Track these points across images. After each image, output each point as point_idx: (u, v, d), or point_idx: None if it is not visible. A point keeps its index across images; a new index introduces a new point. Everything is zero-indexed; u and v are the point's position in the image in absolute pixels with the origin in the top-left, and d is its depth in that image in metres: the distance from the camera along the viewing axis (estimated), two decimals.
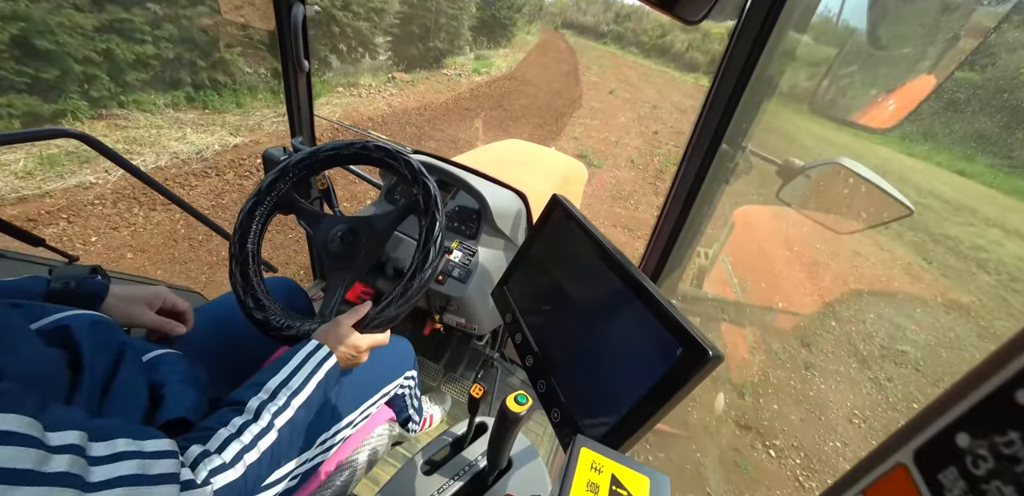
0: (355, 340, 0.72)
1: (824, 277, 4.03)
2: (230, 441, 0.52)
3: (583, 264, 0.70)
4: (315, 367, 0.65)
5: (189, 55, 5.18)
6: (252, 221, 0.86)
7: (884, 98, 0.89)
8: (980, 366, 0.18)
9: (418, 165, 0.83)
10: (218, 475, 0.48)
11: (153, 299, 0.76)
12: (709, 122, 0.80)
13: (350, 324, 0.73)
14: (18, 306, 0.56)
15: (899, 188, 0.83)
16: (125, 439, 0.42)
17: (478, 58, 11.97)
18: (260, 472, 0.54)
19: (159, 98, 5.03)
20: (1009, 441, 0.16)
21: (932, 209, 5.90)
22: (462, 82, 9.70)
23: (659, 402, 0.51)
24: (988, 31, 0.71)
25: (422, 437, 1.34)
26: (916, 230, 5.17)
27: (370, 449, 0.92)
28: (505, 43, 14.44)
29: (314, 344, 0.68)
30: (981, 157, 7.28)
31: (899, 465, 0.21)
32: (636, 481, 0.42)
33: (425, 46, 9.71)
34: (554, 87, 10.97)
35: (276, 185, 0.89)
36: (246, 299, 0.81)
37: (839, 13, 0.89)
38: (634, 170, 6.55)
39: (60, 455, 0.35)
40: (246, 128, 5.19)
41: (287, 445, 0.58)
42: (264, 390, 0.59)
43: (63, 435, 0.37)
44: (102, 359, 0.54)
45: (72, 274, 0.70)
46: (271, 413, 0.57)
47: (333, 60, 7.49)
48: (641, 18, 23.99)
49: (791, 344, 3.10)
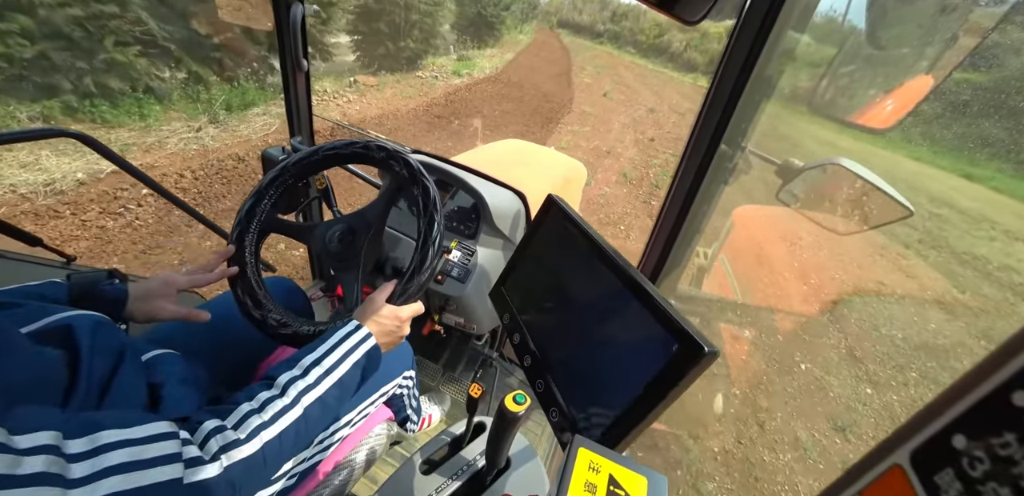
0: (394, 310, 0.72)
1: (850, 321, 3.42)
2: (249, 416, 0.51)
3: (579, 263, 0.70)
4: (352, 347, 0.64)
5: (61, 55, 4.07)
6: (251, 220, 0.86)
7: (882, 98, 0.89)
8: (977, 368, 0.18)
9: (416, 163, 0.83)
10: (231, 450, 0.47)
11: (166, 289, 0.75)
12: (708, 122, 0.80)
13: (383, 299, 0.73)
14: (16, 306, 0.55)
15: (911, 196, 0.82)
16: (110, 430, 0.40)
17: (461, 59, 11.20)
18: (281, 450, 0.52)
19: (21, 110, 3.94)
20: (1005, 443, 0.17)
21: (950, 222, 5.53)
22: (438, 85, 8.78)
23: (656, 399, 0.51)
24: (987, 31, 0.71)
25: (421, 437, 1.34)
26: (939, 248, 4.78)
27: (368, 448, 0.92)
28: (493, 43, 13.79)
29: (353, 324, 0.67)
30: (986, 160, 7.14)
31: (895, 466, 0.21)
32: (634, 481, 0.42)
33: (395, 46, 8.75)
34: (543, 90, 10.14)
35: (275, 182, 0.89)
36: (245, 299, 0.81)
37: (845, 12, 0.89)
38: (626, 186, 5.79)
39: (32, 457, 0.34)
40: (140, 147, 4.14)
41: (312, 424, 0.56)
42: (298, 366, 0.58)
43: (32, 437, 0.36)
44: (101, 360, 0.54)
45: (90, 279, 0.69)
46: (298, 390, 0.56)
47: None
48: (639, 17, 23.86)
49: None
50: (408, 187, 0.82)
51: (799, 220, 1.17)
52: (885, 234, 4.92)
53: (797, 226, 4.48)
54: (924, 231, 5.19)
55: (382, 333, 0.69)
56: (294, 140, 1.44)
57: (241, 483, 0.47)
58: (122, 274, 0.77)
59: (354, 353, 0.63)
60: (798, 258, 4.23)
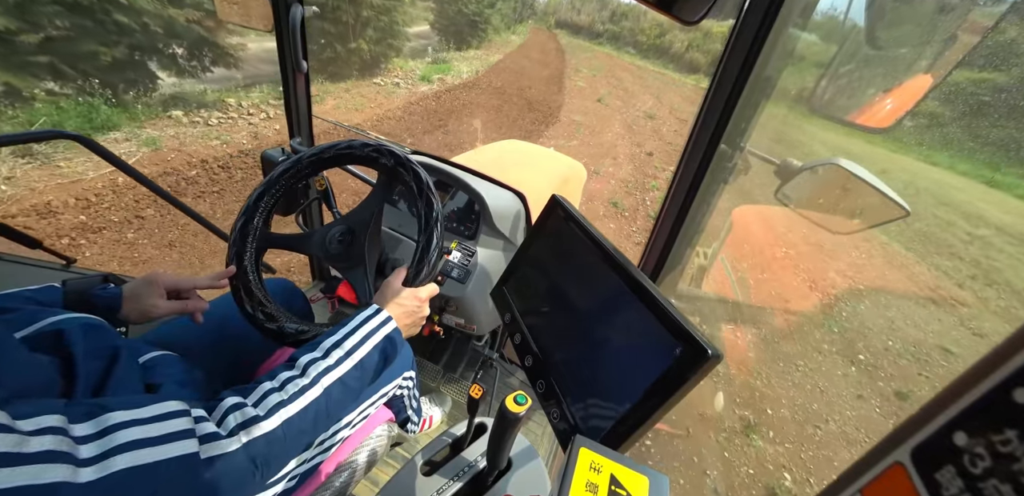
0: (412, 292, 0.73)
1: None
2: (270, 393, 0.51)
3: (582, 264, 0.70)
4: (373, 329, 0.64)
5: None
6: (251, 221, 0.86)
7: (881, 97, 0.90)
8: (978, 365, 0.18)
9: (402, 152, 0.83)
10: (250, 426, 0.47)
11: (152, 287, 0.74)
12: (708, 122, 0.80)
13: (399, 283, 0.74)
14: (11, 311, 0.55)
15: (942, 213, 0.81)
16: (117, 412, 0.40)
17: (435, 62, 10.14)
18: (302, 428, 0.52)
19: None
20: (1006, 440, 0.17)
21: (994, 246, 4.90)
22: (399, 93, 7.49)
23: (658, 401, 0.51)
24: (986, 30, 0.72)
25: (422, 438, 1.34)
26: (996, 286, 3.99)
27: (369, 450, 0.92)
28: (477, 44, 12.78)
29: (373, 308, 0.68)
30: (1008, 165, 6.74)
31: (897, 464, 0.21)
32: (635, 481, 0.42)
33: (345, 48, 7.56)
34: (528, 96, 8.93)
35: (263, 198, 0.88)
36: (249, 307, 0.81)
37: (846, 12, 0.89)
38: (617, 219, 4.64)
39: (39, 437, 0.34)
40: None
41: (333, 404, 0.57)
42: (319, 348, 0.59)
43: (37, 420, 0.36)
44: (95, 364, 0.54)
45: (85, 285, 0.69)
46: (319, 370, 0.56)
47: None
48: (639, 17, 23.77)
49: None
50: (398, 175, 0.82)
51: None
52: (936, 271, 4.26)
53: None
54: (972, 262, 4.57)
55: (404, 314, 0.70)
56: (294, 141, 1.44)
57: (262, 460, 0.47)
58: (117, 278, 0.77)
59: (375, 335, 0.64)
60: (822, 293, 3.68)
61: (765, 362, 2.86)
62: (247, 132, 4.87)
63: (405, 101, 7.14)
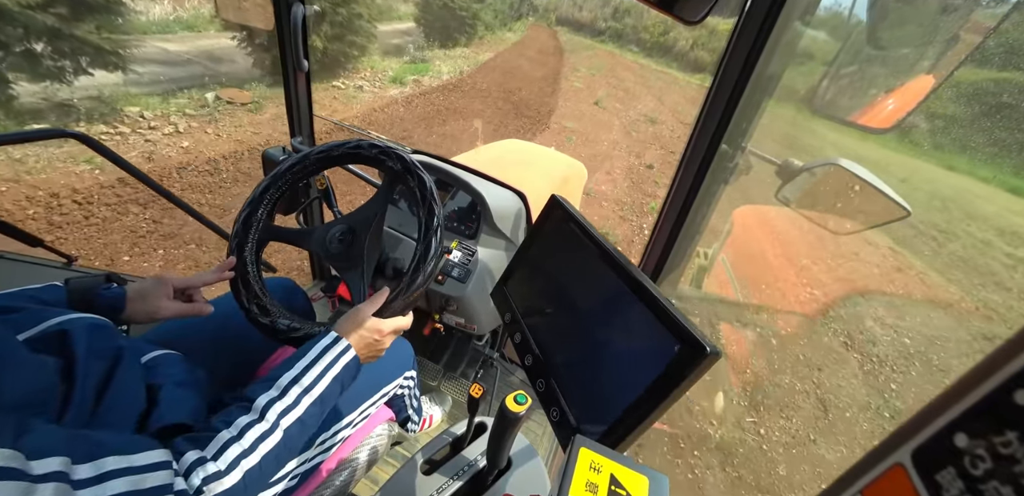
0: (376, 323, 0.69)
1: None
2: (229, 445, 0.51)
3: (582, 264, 0.70)
4: (331, 361, 0.62)
5: None
6: (249, 230, 0.86)
7: (883, 98, 0.89)
8: (979, 367, 0.18)
9: (409, 157, 0.83)
10: (212, 483, 0.47)
11: (161, 288, 0.74)
12: (709, 122, 0.80)
13: (370, 311, 0.70)
14: (15, 310, 0.55)
15: (971, 228, 0.78)
16: (114, 457, 0.42)
17: (414, 61, 9.14)
18: (261, 476, 0.53)
19: None
20: (1007, 441, 0.17)
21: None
22: (361, 99, 6.52)
23: (658, 399, 0.51)
24: (988, 30, 0.71)
25: (422, 437, 1.34)
26: None
27: (370, 449, 0.92)
28: (465, 41, 11.65)
29: (332, 337, 0.65)
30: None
31: (897, 465, 0.21)
32: (635, 481, 0.42)
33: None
34: (516, 99, 7.98)
35: (269, 191, 0.88)
36: (245, 300, 0.81)
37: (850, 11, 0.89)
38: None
39: (44, 484, 0.36)
40: None
41: (292, 445, 0.56)
42: (275, 387, 0.57)
43: (46, 462, 0.37)
44: (98, 364, 0.54)
45: (88, 284, 0.69)
46: (277, 413, 0.55)
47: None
48: (642, 14, 23.51)
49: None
50: (403, 180, 0.81)
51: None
52: (986, 309, 3.69)
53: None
54: (1020, 293, 4.01)
55: (363, 345, 0.67)
56: (294, 140, 1.44)
57: None
58: (120, 277, 0.77)
59: (333, 368, 0.62)
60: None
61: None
62: (139, 152, 3.65)
63: (367, 107, 6.19)
